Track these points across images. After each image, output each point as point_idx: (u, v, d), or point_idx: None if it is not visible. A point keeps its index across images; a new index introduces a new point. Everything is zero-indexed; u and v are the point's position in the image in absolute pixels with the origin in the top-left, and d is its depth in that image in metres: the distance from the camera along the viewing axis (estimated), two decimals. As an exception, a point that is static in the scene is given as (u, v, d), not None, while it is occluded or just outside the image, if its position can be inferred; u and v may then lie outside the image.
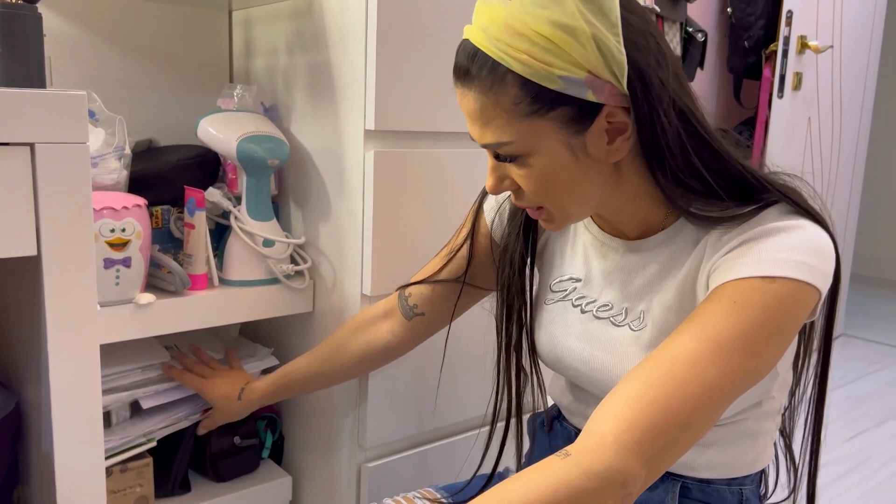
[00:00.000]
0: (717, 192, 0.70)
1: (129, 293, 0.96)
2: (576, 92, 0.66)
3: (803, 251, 0.66)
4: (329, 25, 1.05)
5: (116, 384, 1.01)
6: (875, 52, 2.87)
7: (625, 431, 0.59)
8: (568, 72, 0.65)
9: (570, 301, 0.84)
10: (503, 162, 0.72)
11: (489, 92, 0.67)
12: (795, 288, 0.64)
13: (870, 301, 3.73)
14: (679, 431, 0.60)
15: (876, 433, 2.19)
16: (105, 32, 1.21)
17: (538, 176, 0.70)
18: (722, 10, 2.69)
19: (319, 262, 1.13)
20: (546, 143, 0.68)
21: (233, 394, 1.05)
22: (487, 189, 0.75)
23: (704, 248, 0.72)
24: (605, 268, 0.81)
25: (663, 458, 0.60)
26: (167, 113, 1.27)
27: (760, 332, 0.63)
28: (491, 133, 0.69)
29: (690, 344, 0.63)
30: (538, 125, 0.68)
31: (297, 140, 1.15)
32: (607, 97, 0.67)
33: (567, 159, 0.69)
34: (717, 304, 0.65)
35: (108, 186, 1.00)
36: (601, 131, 0.68)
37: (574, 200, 0.73)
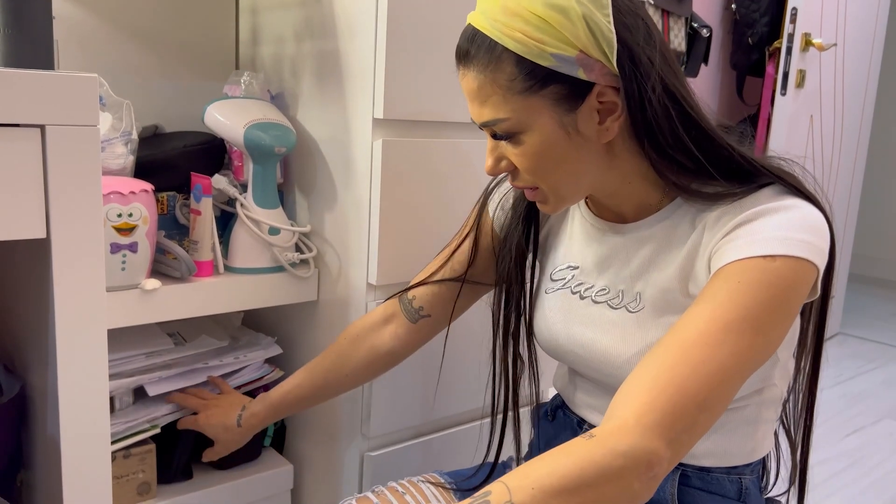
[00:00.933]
0: (709, 169, 0.72)
1: (135, 278, 0.96)
2: (567, 70, 0.69)
3: (800, 229, 0.68)
4: (338, 13, 1.05)
5: (120, 370, 1.01)
6: (878, 51, 2.88)
7: (646, 413, 0.60)
8: (560, 50, 0.68)
9: (569, 288, 0.85)
10: (500, 140, 0.75)
11: (486, 70, 0.71)
12: (795, 265, 0.66)
13: (867, 300, 3.74)
14: (698, 412, 0.61)
15: (872, 431, 2.20)
16: (112, 18, 1.20)
17: (532, 153, 0.73)
18: (726, 7, 2.68)
19: (325, 251, 1.13)
20: (539, 121, 0.71)
21: (230, 422, 1.03)
22: (486, 169, 0.78)
23: (703, 228, 0.74)
24: (601, 253, 0.83)
25: (685, 441, 0.61)
26: (173, 99, 1.26)
27: (766, 310, 0.65)
28: (488, 110, 0.72)
29: (701, 325, 0.64)
30: (532, 102, 0.70)
31: (303, 128, 1.15)
32: (598, 76, 0.69)
33: (559, 137, 0.72)
34: (723, 285, 0.66)
35: (114, 171, 0.99)
36: (592, 110, 0.71)
37: (567, 179, 0.75)
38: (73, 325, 0.71)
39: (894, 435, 2.17)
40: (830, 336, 3.06)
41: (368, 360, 0.97)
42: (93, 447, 0.74)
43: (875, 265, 4.23)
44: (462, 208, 1.08)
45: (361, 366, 0.98)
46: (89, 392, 0.73)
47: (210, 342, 1.11)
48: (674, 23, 2.06)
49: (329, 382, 0.99)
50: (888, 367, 2.77)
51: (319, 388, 0.99)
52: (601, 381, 0.82)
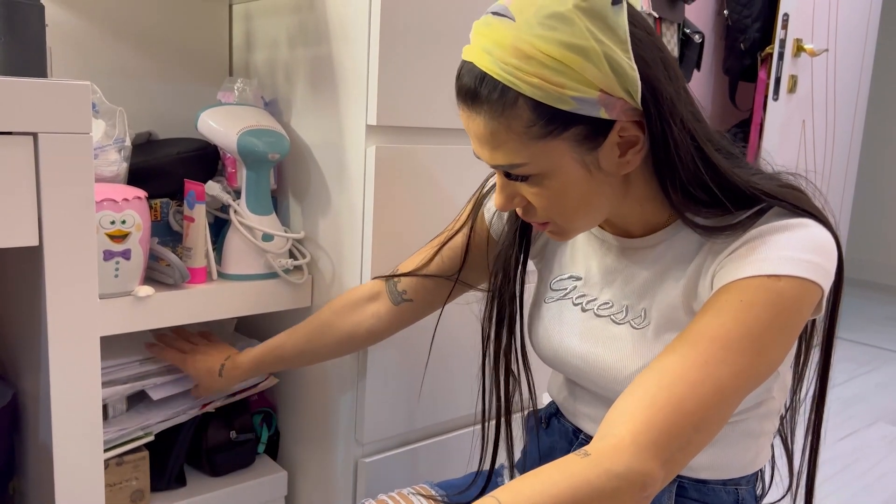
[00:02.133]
0: (724, 202, 0.71)
1: (128, 285, 0.95)
2: (589, 111, 0.65)
3: (806, 249, 0.66)
4: (331, 19, 1.05)
5: (113, 377, 1.01)
6: (869, 55, 2.89)
7: (642, 433, 0.59)
8: (580, 92, 0.64)
9: (570, 300, 0.84)
10: (514, 181, 0.72)
11: (500, 116, 0.66)
12: (800, 286, 0.65)
13: (860, 304, 3.75)
14: (694, 432, 0.61)
15: (866, 434, 2.21)
16: (106, 24, 1.20)
17: (552, 195, 0.70)
18: (719, 12, 2.70)
19: (318, 257, 1.13)
20: (560, 163, 0.68)
21: (214, 368, 1.04)
22: (497, 206, 0.75)
23: (709, 250, 0.73)
24: (605, 266, 0.81)
25: (679, 460, 0.61)
26: (167, 106, 1.26)
27: (768, 331, 0.63)
28: (503, 155, 0.69)
29: (701, 344, 0.63)
30: (552, 146, 0.67)
31: (297, 134, 1.15)
32: (619, 113, 0.66)
33: (581, 176, 0.69)
34: (724, 303, 0.65)
35: (108, 178, 0.99)
36: (613, 146, 0.69)
37: (585, 214, 0.73)
38: (66, 333, 0.71)
39: (888, 438, 2.18)
40: (824, 340, 3.08)
41: (348, 334, 0.98)
42: (85, 454, 0.74)
43: (868, 268, 4.25)
44: (455, 214, 1.09)
45: (341, 338, 0.98)
46: (82, 399, 0.73)
47: (203, 349, 1.11)
48: (666, 28, 2.07)
49: (308, 349, 1.00)
50: (882, 370, 2.78)
51: (299, 352, 1.01)
52: (600, 393, 0.82)
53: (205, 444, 1.14)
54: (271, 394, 1.27)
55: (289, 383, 1.23)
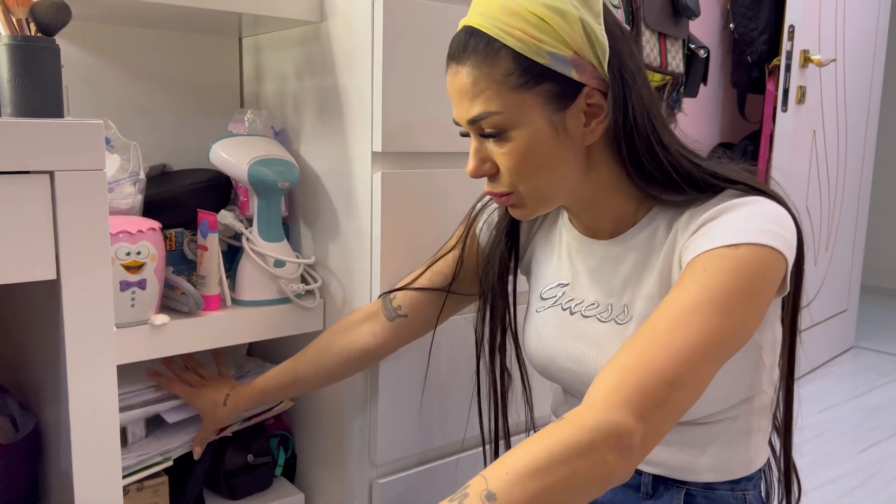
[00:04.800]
0: (676, 180, 0.76)
1: (144, 314, 0.98)
2: (561, 69, 0.72)
3: (763, 220, 0.70)
4: (336, 51, 1.08)
5: (130, 402, 1.03)
6: (879, 63, 2.89)
7: (613, 392, 0.61)
8: (556, 49, 0.72)
9: (559, 305, 0.87)
10: (486, 139, 0.77)
11: (483, 65, 0.73)
12: (759, 251, 0.68)
13: (880, 312, 3.71)
14: (669, 389, 0.62)
15: (888, 445, 2.18)
16: (120, 61, 1.24)
17: (519, 151, 0.75)
18: (725, 26, 2.71)
19: (329, 282, 1.16)
20: (530, 117, 0.74)
21: (219, 399, 1.07)
22: (468, 171, 0.79)
23: (676, 234, 0.77)
24: (589, 268, 0.85)
25: (659, 417, 0.62)
26: (180, 138, 1.30)
27: (731, 293, 0.66)
28: (480, 104, 0.74)
29: (669, 312, 0.66)
30: (525, 98, 0.73)
31: (306, 162, 1.18)
32: (588, 78, 0.73)
33: (547, 135, 0.74)
34: (689, 276, 0.69)
35: (123, 211, 1.03)
36: (579, 111, 0.75)
37: (547, 182, 0.77)
38: (83, 363, 0.73)
39: (911, 449, 2.15)
40: (845, 350, 3.04)
41: (345, 355, 1.00)
42: (104, 482, 0.76)
43: (887, 276, 4.20)
44: (462, 236, 1.11)
45: (338, 360, 1.01)
46: (100, 427, 0.75)
47: (218, 374, 1.14)
48: (671, 45, 2.08)
49: (308, 374, 1.03)
50: (904, 379, 2.75)
51: (299, 378, 1.03)
52: None
53: (223, 467, 1.16)
54: (288, 417, 1.29)
55: (304, 406, 1.25)
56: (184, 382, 1.09)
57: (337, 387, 1.16)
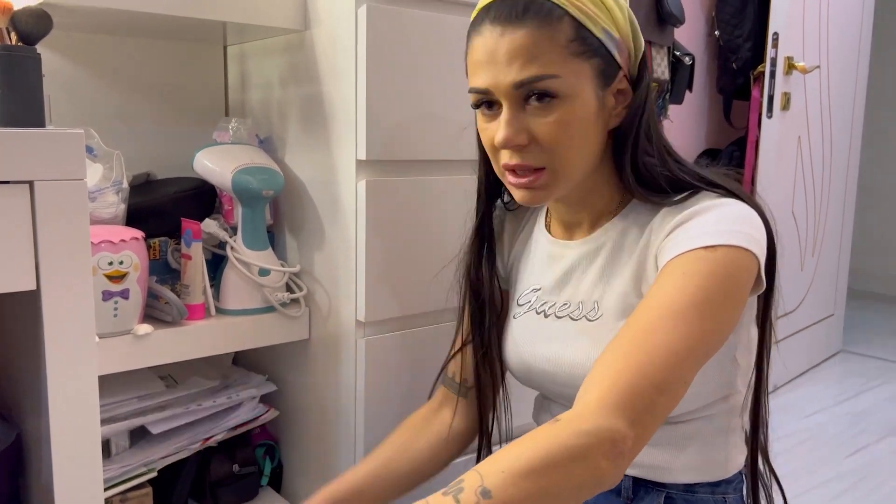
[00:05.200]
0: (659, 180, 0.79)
1: (127, 324, 0.98)
2: (611, 47, 0.77)
3: (735, 222, 0.73)
4: (320, 59, 1.08)
5: (114, 413, 1.03)
6: (863, 69, 2.91)
7: (605, 395, 0.62)
8: (610, 28, 0.77)
9: (534, 310, 0.88)
10: (528, 105, 0.75)
11: (544, 27, 0.74)
12: (734, 253, 0.70)
13: (868, 316, 3.73)
14: (656, 394, 0.63)
15: (876, 449, 2.19)
16: (103, 70, 1.24)
17: (566, 120, 0.75)
18: (710, 33, 2.73)
19: (315, 290, 1.15)
20: (583, 87, 0.76)
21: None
22: (501, 140, 0.76)
23: (650, 234, 0.78)
24: (560, 270, 0.86)
25: (647, 422, 0.63)
26: (165, 146, 1.30)
27: (711, 295, 0.68)
28: (537, 66, 0.74)
29: (652, 315, 0.67)
30: (582, 68, 0.75)
31: (291, 171, 1.18)
32: (624, 62, 0.79)
33: (593, 108, 0.77)
34: (668, 277, 0.70)
35: (106, 220, 1.02)
36: (613, 93, 0.78)
37: (582, 157, 0.78)
38: (64, 374, 0.72)
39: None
40: (832, 354, 3.06)
41: (435, 443, 0.95)
42: (86, 495, 0.75)
43: (874, 280, 4.23)
44: (445, 243, 1.11)
45: (429, 451, 0.95)
46: (81, 439, 0.74)
47: (201, 382, 1.13)
48: (656, 52, 2.10)
49: (390, 474, 0.93)
50: (892, 384, 2.76)
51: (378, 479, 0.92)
52: (572, 396, 0.84)
53: (208, 478, 1.16)
54: (273, 426, 1.28)
55: (290, 415, 1.24)
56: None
57: (323, 396, 1.15)
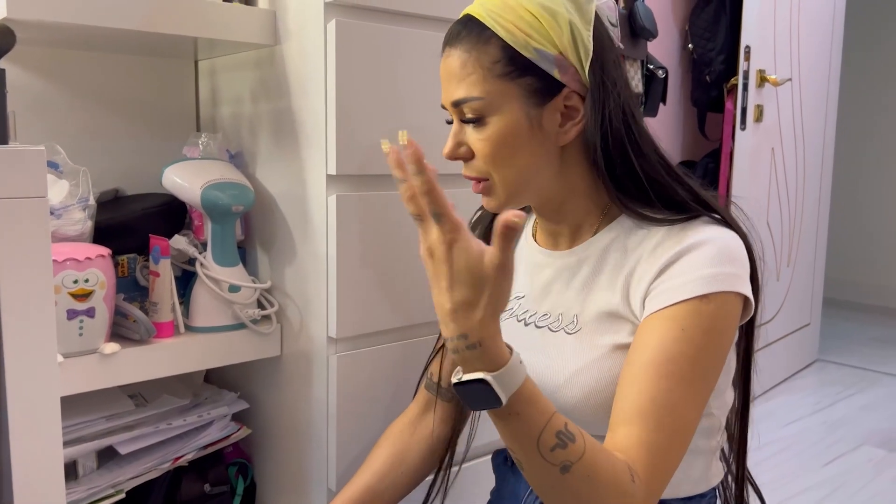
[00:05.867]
0: (649, 194, 0.78)
1: (93, 343, 0.96)
2: (545, 66, 0.76)
3: (725, 262, 0.73)
4: (291, 74, 1.08)
5: (80, 434, 1.01)
6: (834, 81, 2.96)
7: (653, 479, 0.67)
8: (543, 46, 0.75)
9: (515, 317, 0.88)
10: (466, 124, 0.79)
11: (473, 49, 0.76)
12: (726, 300, 0.73)
13: (843, 325, 3.77)
14: (677, 459, 0.70)
15: (853, 457, 2.21)
16: (71, 85, 1.22)
17: (494, 138, 0.77)
18: (683, 47, 2.76)
19: (286, 306, 1.14)
20: (509, 107, 0.76)
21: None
22: (444, 153, 0.80)
23: (640, 258, 0.77)
24: (543, 279, 0.86)
25: (657, 491, 0.68)
26: (134, 162, 1.28)
27: (708, 355, 0.72)
28: (465, 87, 0.77)
29: (667, 385, 0.69)
30: (507, 88, 0.76)
31: (262, 186, 1.17)
32: (570, 80, 0.77)
33: (523, 127, 0.77)
34: (669, 334, 0.71)
35: (72, 237, 1.01)
36: (556, 111, 0.77)
37: (518, 173, 0.78)
38: (25, 396, 0.71)
39: (874, 461, 2.18)
40: (809, 363, 3.08)
41: (425, 452, 0.97)
42: (47, 517, 0.73)
43: (849, 290, 4.28)
44: (417, 258, 1.09)
45: (420, 460, 0.97)
46: (43, 463, 0.73)
47: (171, 401, 1.11)
48: (630, 65, 2.11)
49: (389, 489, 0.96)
50: (867, 392, 2.79)
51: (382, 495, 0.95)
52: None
53: (179, 498, 1.14)
54: (246, 444, 1.27)
55: (263, 433, 1.23)
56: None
57: (295, 414, 1.14)
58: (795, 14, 2.59)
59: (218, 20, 1.05)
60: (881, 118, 4.10)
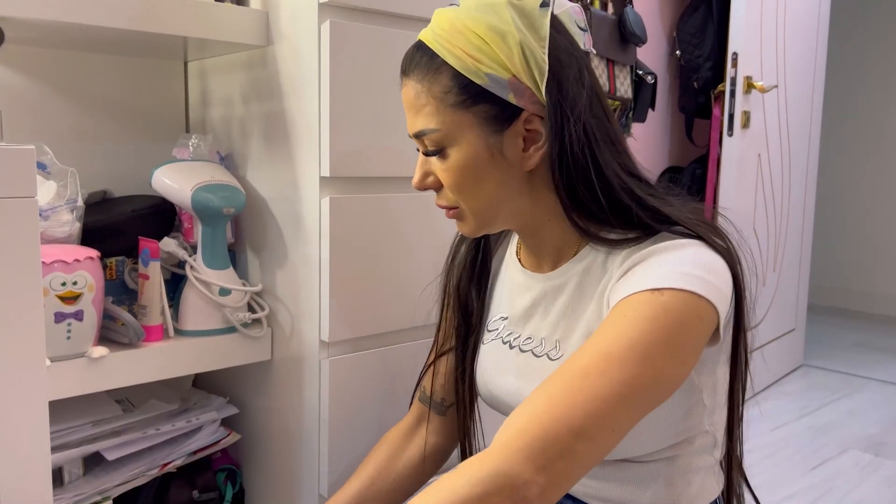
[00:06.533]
0: (609, 217, 0.73)
1: (81, 347, 0.94)
2: (499, 91, 0.72)
3: (691, 265, 0.68)
4: (283, 75, 1.07)
5: (66, 440, 0.99)
6: (819, 88, 2.99)
7: (513, 438, 0.59)
8: (494, 70, 0.72)
9: (500, 339, 0.86)
10: (429, 156, 0.77)
11: (424, 80, 0.74)
12: (684, 297, 0.65)
13: (827, 331, 3.80)
14: (573, 439, 0.59)
15: (838, 462, 2.22)
16: (60, 85, 1.20)
17: (455, 169, 0.75)
18: (671, 53, 2.78)
19: (277, 310, 1.13)
20: (466, 137, 0.74)
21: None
22: (413, 183, 0.79)
23: (611, 273, 0.75)
24: (526, 302, 0.84)
25: (561, 468, 0.59)
26: (123, 164, 1.27)
27: (650, 341, 0.63)
28: (421, 120, 0.75)
29: (584, 358, 0.64)
30: (462, 117, 0.73)
31: (253, 188, 1.16)
32: (527, 102, 0.73)
33: (483, 156, 0.74)
34: (610, 320, 0.67)
35: (60, 239, 0.99)
36: (518, 136, 0.74)
37: (486, 201, 0.76)
38: (12, 402, 0.69)
39: (860, 465, 2.19)
40: (794, 368, 3.10)
41: (416, 462, 0.95)
42: (34, 525, 0.72)
43: (833, 296, 4.32)
44: (410, 261, 1.09)
45: (411, 467, 0.95)
46: (30, 469, 0.71)
47: (160, 406, 1.10)
48: (619, 71, 2.12)
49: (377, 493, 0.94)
50: (852, 397, 2.81)
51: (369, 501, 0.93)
52: None
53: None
54: (235, 450, 1.25)
55: (252, 439, 1.21)
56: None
57: (286, 418, 1.13)
58: (781, 21, 2.61)
59: (208, 20, 1.04)
60: (865, 126, 4.14)
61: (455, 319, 0.91)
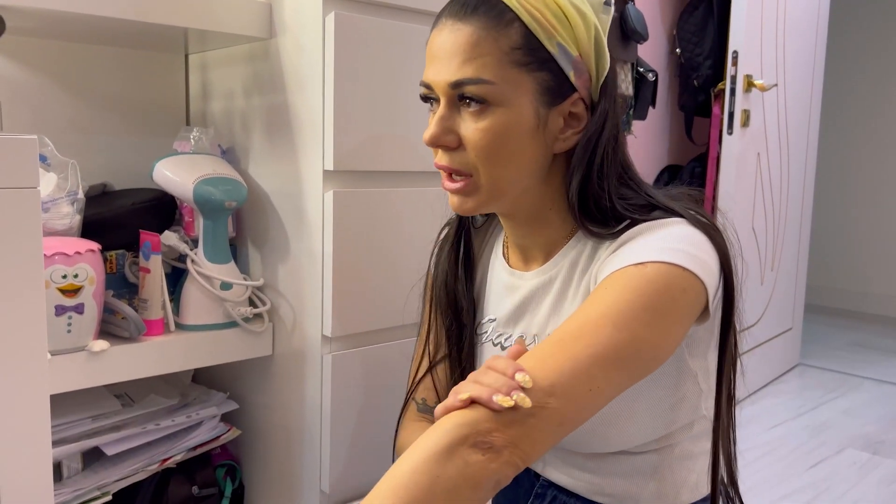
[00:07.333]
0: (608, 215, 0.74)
1: (81, 340, 0.93)
2: (564, 64, 0.71)
3: (676, 240, 0.68)
4: (286, 68, 1.06)
5: (65, 435, 0.98)
6: (818, 87, 2.99)
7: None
8: (566, 43, 0.71)
9: (490, 340, 0.86)
10: (461, 108, 0.72)
11: (491, 28, 0.70)
12: (667, 269, 0.65)
13: (824, 330, 3.81)
14: (545, 396, 0.58)
15: (835, 461, 2.22)
16: (61, 77, 1.19)
17: (495, 130, 0.71)
18: (672, 51, 2.78)
19: (279, 304, 1.12)
20: (520, 100, 0.71)
21: None
22: (426, 137, 0.73)
23: (601, 260, 0.74)
24: (515, 302, 0.83)
25: (533, 423, 0.58)
26: (124, 157, 1.26)
27: (627, 308, 0.63)
28: (474, 68, 0.70)
29: (561, 329, 0.64)
30: (522, 78, 0.71)
31: (255, 182, 1.15)
32: (581, 86, 0.73)
33: (529, 124, 0.72)
34: (592, 295, 0.66)
35: (60, 231, 0.98)
36: (561, 115, 0.73)
37: (510, 172, 0.73)
38: (14, 394, 0.69)
39: (858, 464, 2.20)
40: (791, 367, 3.10)
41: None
42: (35, 519, 0.71)
43: (830, 295, 4.33)
44: (414, 257, 1.09)
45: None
46: (31, 463, 0.70)
47: (159, 401, 1.09)
48: (620, 68, 2.12)
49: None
50: (849, 396, 2.81)
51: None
52: None
53: (166, 500, 1.11)
54: (234, 446, 1.24)
55: (252, 435, 1.21)
56: None
57: (286, 414, 1.12)
58: (781, 20, 2.61)
59: (210, 11, 1.03)
60: (864, 125, 4.15)
61: (446, 322, 0.89)
